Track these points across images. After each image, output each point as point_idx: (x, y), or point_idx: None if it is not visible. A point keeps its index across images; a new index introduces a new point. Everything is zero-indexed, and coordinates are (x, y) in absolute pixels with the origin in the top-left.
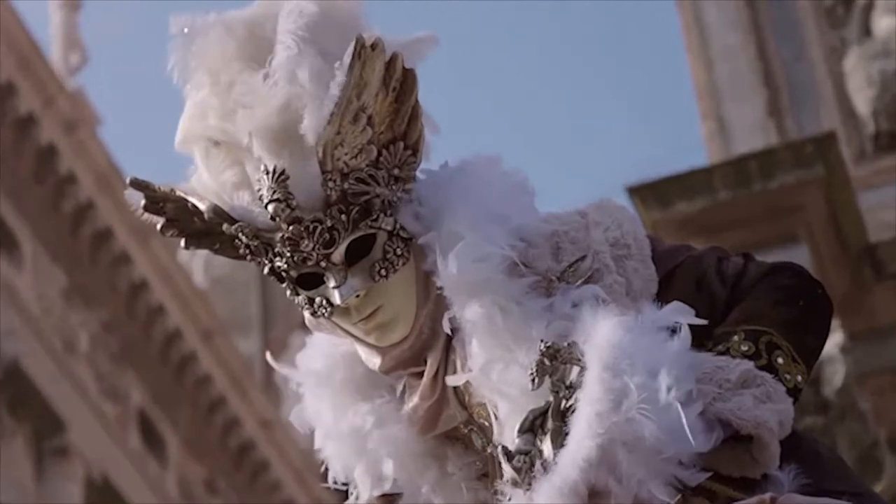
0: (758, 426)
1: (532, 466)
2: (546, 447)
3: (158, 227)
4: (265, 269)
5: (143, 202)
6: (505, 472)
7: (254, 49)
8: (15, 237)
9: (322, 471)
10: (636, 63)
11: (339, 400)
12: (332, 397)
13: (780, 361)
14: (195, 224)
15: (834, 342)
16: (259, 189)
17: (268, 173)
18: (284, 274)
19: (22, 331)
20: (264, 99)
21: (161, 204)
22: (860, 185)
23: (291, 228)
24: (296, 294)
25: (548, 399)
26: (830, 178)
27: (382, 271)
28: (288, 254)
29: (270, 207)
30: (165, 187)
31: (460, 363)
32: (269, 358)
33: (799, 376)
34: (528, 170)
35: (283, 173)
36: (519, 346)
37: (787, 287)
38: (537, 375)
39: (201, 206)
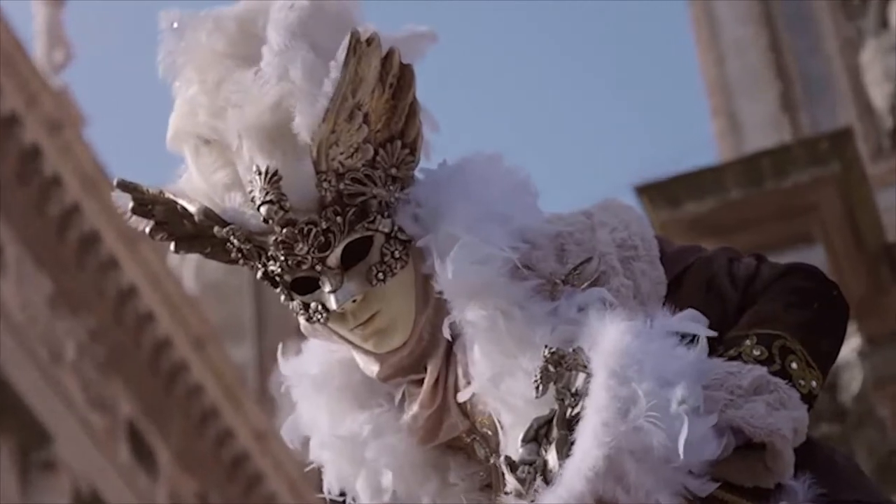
0: (771, 434)
1: (536, 477)
2: (551, 457)
3: (147, 231)
4: (258, 274)
5: (131, 205)
6: (508, 484)
7: (245, 45)
8: None
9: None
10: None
11: (336, 408)
12: (329, 405)
13: (794, 366)
14: (185, 227)
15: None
16: (251, 190)
17: (260, 174)
18: (278, 278)
19: (5, 339)
20: (255, 97)
21: (149, 206)
22: (877, 183)
23: (285, 231)
24: (290, 299)
25: (553, 407)
26: (846, 176)
27: (380, 275)
28: (282, 257)
29: (263, 209)
30: (154, 189)
31: (461, 370)
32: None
33: (814, 382)
34: (532, 169)
35: (276, 174)
36: (522, 353)
37: (802, 289)
38: (541, 383)
39: (191, 209)
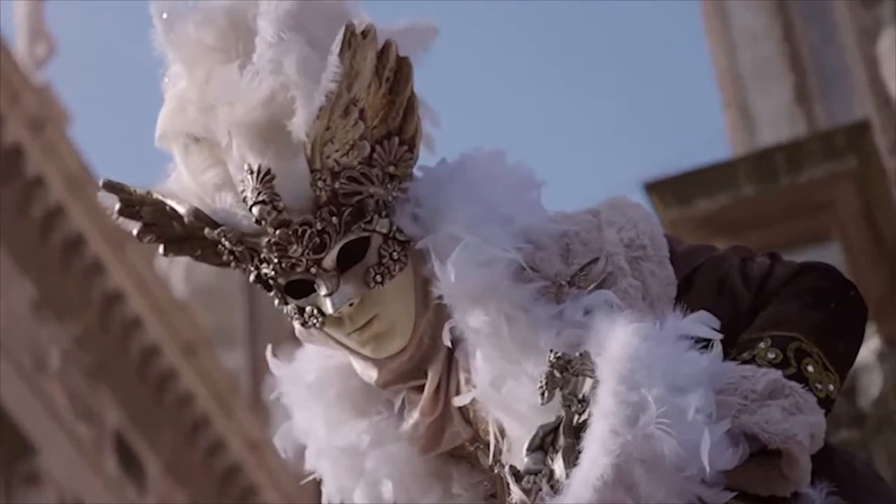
0: (787, 440)
1: (542, 487)
2: (557, 466)
3: (135, 233)
4: (251, 277)
5: (118, 206)
6: (513, 494)
7: (235, 39)
8: None
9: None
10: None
11: (333, 416)
12: (326, 413)
13: (811, 370)
14: (174, 229)
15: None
16: (243, 190)
17: (252, 173)
18: (272, 282)
19: None
20: (247, 92)
21: (137, 207)
22: None
23: (278, 232)
24: (284, 303)
25: (559, 414)
26: (864, 171)
27: (378, 277)
28: (275, 260)
29: (255, 210)
30: (141, 189)
31: (464, 376)
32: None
33: (831, 385)
34: (535, 166)
35: (269, 173)
36: (527, 358)
37: (818, 289)
38: (547, 389)
39: (181, 210)
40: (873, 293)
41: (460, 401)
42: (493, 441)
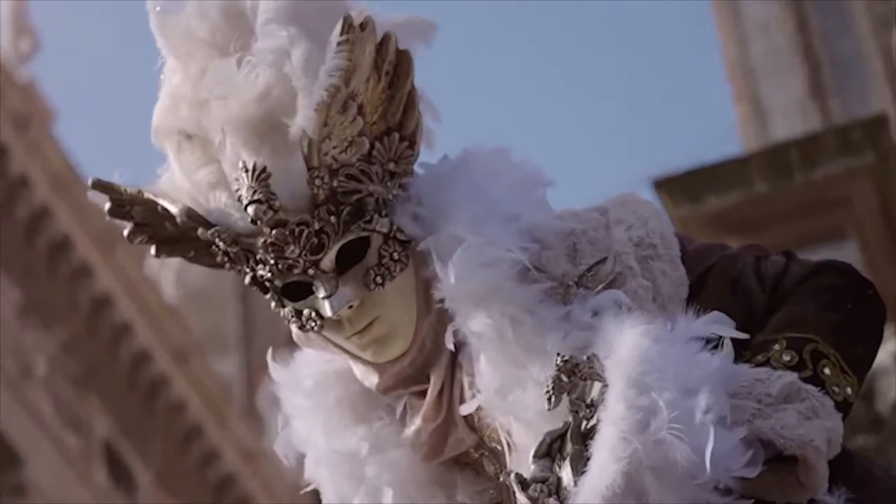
0: (803, 445)
1: (550, 496)
2: (565, 474)
3: (126, 233)
4: (246, 279)
5: (108, 206)
6: (520, 503)
7: (230, 32)
8: None
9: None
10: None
11: (333, 422)
12: (325, 419)
13: (828, 372)
14: (167, 229)
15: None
16: (237, 189)
17: (247, 171)
18: (268, 284)
19: None
20: (241, 87)
21: (128, 207)
22: None
23: (275, 233)
24: (281, 306)
25: (566, 420)
26: (881, 167)
27: (378, 279)
28: (271, 261)
29: (251, 209)
30: (132, 189)
31: (467, 381)
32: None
33: (849, 389)
34: (541, 163)
35: (265, 171)
36: (532, 362)
37: (834, 288)
38: (554, 394)
39: (173, 209)
40: (891, 292)
41: (465, 409)
42: (499, 448)
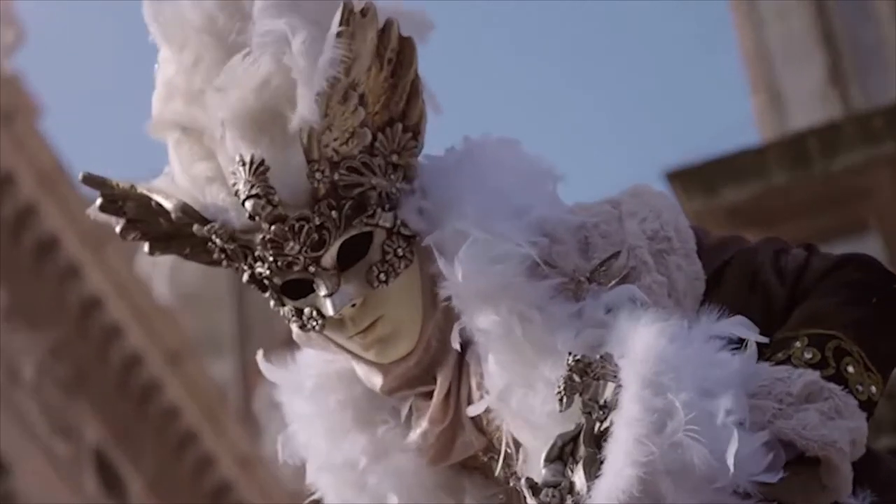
0: (826, 446)
1: (562, 501)
2: (578, 478)
3: (118, 230)
4: (244, 277)
5: (100, 201)
6: None
7: (226, 19)
8: None
9: None
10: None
11: (335, 426)
12: (327, 423)
13: (851, 370)
14: (161, 225)
15: None
16: (234, 183)
17: (244, 164)
18: (267, 282)
19: None
20: (238, 77)
21: (120, 203)
22: None
23: (274, 228)
24: (281, 305)
25: (578, 422)
26: None
27: (382, 276)
28: (270, 258)
29: (248, 204)
30: (125, 184)
31: (475, 381)
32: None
33: (873, 387)
34: (551, 156)
35: (262, 164)
36: (543, 361)
37: (857, 282)
38: (565, 394)
39: (167, 205)
40: None
41: (473, 410)
42: (509, 451)
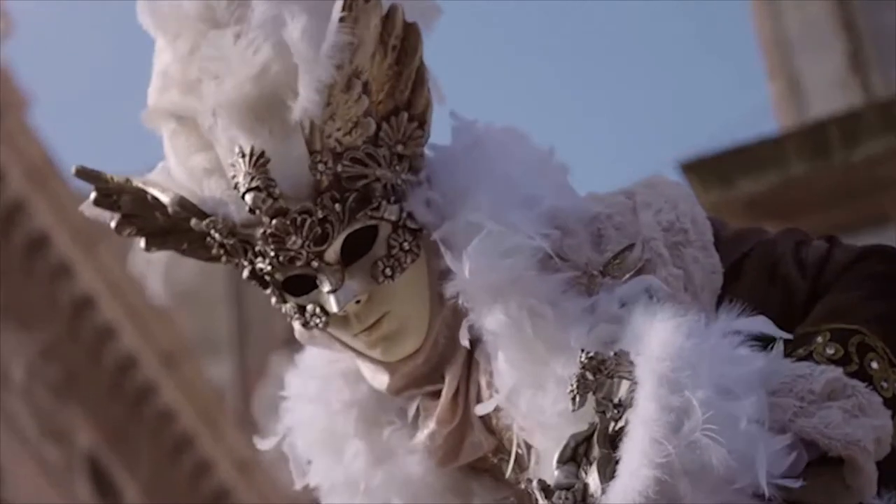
0: (849, 446)
1: (576, 503)
2: (592, 480)
3: (113, 225)
4: (244, 273)
5: (94, 196)
6: None
7: (223, 7)
8: None
9: None
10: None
11: (339, 428)
12: (330, 425)
13: (875, 366)
14: (157, 220)
15: None
16: (234, 175)
17: (243, 156)
18: (268, 278)
19: None
20: (236, 65)
21: (115, 197)
22: None
23: (275, 222)
24: (283, 302)
25: (592, 421)
26: None
27: (387, 271)
28: (272, 253)
29: (248, 197)
30: (119, 177)
31: (485, 380)
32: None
33: None
34: (563, 146)
35: (263, 155)
36: (555, 358)
37: (881, 275)
38: (578, 393)
39: (164, 199)
40: None
41: (482, 409)
42: (519, 452)
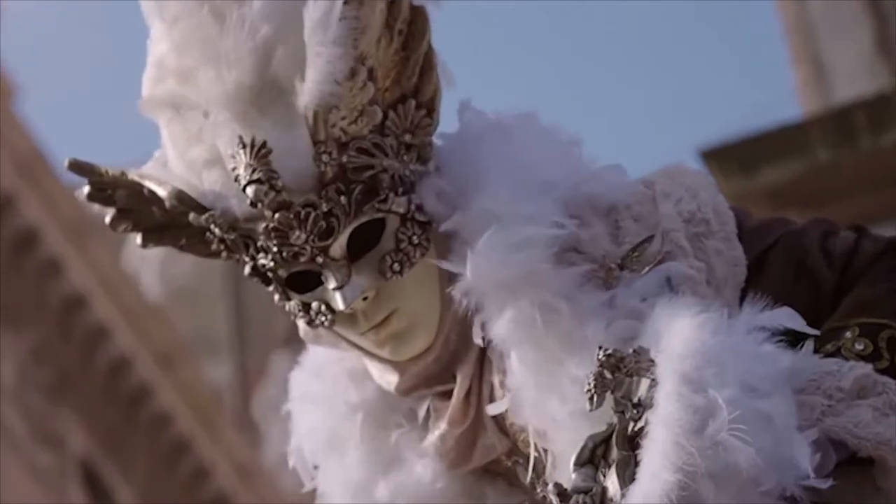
0: (880, 446)
1: None
2: (611, 483)
3: (108, 220)
4: (246, 270)
5: (87, 189)
6: None
7: None
8: None
9: None
10: None
11: (345, 432)
12: (335, 429)
13: None
14: (154, 215)
15: None
16: (234, 167)
17: (244, 147)
18: (271, 274)
19: None
20: (238, 51)
21: (109, 191)
22: None
23: (278, 216)
24: (286, 299)
25: (610, 422)
26: None
27: (396, 266)
28: (275, 248)
29: (250, 190)
30: (114, 170)
31: (498, 379)
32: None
33: None
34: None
35: (264, 146)
36: (570, 356)
37: None
38: (596, 392)
39: (161, 192)
40: None
41: (494, 409)
42: (535, 454)
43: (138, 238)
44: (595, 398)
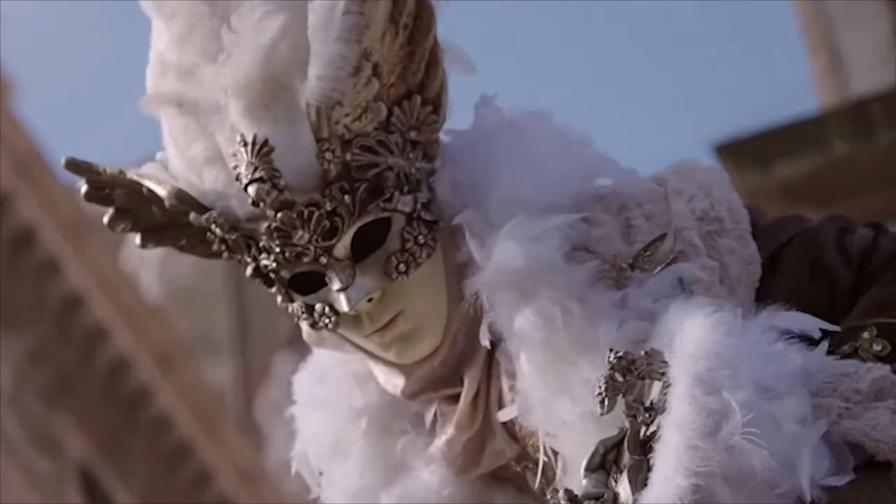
0: None
1: None
2: (622, 488)
3: (106, 220)
4: (248, 270)
5: (85, 189)
6: None
7: None
8: None
9: None
10: None
11: (349, 439)
12: (340, 432)
13: None
14: (153, 215)
15: None
16: (235, 166)
17: (246, 145)
18: (273, 275)
19: None
20: (239, 46)
21: (108, 190)
22: None
23: (280, 216)
24: (289, 301)
25: (622, 426)
26: None
27: (401, 266)
28: (277, 249)
29: (251, 189)
30: (112, 169)
31: (507, 382)
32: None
33: None
34: (593, 128)
35: (266, 144)
36: (581, 358)
37: None
38: (607, 396)
39: (161, 192)
40: None
41: (504, 415)
42: (545, 460)
43: (137, 238)
44: (606, 402)
